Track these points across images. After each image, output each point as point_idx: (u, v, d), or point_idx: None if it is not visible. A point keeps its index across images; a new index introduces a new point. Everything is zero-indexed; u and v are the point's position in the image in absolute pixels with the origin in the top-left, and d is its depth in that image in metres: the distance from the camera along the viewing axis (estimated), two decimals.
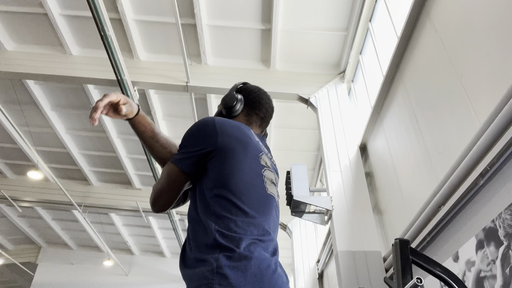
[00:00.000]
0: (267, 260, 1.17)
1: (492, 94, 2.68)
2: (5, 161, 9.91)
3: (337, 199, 5.00)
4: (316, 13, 5.74)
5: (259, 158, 1.40)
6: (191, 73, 6.23)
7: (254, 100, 1.60)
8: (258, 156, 1.40)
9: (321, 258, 7.92)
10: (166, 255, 13.85)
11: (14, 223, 12.40)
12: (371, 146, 5.55)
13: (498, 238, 2.52)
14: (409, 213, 4.02)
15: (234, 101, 1.55)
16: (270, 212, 1.34)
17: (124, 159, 9.15)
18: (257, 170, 1.36)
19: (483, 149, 2.61)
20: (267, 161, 1.45)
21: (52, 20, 6.04)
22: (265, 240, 1.24)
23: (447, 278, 1.69)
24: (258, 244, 1.20)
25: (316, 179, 8.89)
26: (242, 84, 1.66)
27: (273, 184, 1.43)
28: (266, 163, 1.43)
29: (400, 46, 4.33)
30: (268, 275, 1.13)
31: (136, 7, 5.90)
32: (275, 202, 1.40)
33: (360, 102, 6.24)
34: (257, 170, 1.37)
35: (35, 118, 8.10)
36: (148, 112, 7.49)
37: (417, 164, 4.00)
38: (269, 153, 1.54)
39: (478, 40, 2.95)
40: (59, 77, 6.50)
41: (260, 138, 1.55)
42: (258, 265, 1.13)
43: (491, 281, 2.59)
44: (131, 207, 10.07)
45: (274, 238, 1.32)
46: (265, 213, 1.31)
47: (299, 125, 7.57)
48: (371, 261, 4.45)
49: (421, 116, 3.95)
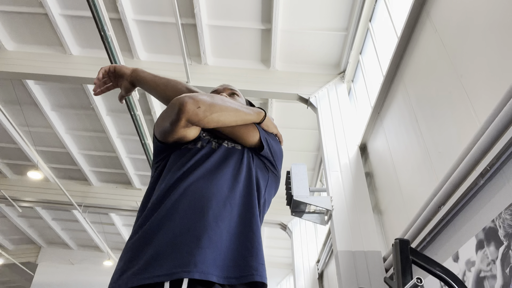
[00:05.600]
0: None
1: (492, 94, 2.68)
2: (5, 161, 9.91)
3: (337, 199, 5.00)
4: (316, 13, 5.74)
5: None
6: (191, 73, 6.23)
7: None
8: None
9: (321, 258, 7.92)
10: None
11: (14, 223, 12.40)
12: (371, 146, 5.54)
13: (498, 238, 2.52)
14: (409, 213, 4.02)
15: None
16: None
17: (124, 159, 9.15)
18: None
19: (483, 149, 2.61)
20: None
21: (52, 20, 6.04)
22: None
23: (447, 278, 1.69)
24: None
25: (316, 179, 8.89)
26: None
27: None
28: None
29: (400, 46, 4.33)
30: None
31: (136, 7, 5.90)
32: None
33: (360, 102, 6.24)
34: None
35: (35, 118, 8.11)
36: (148, 112, 7.49)
37: (417, 164, 4.00)
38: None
39: (478, 40, 2.95)
40: (59, 77, 6.50)
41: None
42: None
43: (491, 281, 2.59)
44: (131, 207, 10.06)
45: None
46: None
47: (299, 125, 7.57)
48: (371, 261, 4.45)
49: (421, 116, 3.95)
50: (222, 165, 1.18)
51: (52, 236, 13.50)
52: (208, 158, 1.19)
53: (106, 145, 8.80)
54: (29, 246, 14.27)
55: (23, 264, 13.47)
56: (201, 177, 1.13)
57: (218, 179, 1.13)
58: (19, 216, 12.13)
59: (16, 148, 9.06)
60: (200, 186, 1.10)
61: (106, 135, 8.35)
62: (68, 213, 11.34)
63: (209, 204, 1.06)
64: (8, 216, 11.95)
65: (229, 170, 1.18)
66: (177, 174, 1.14)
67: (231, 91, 1.50)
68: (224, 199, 1.09)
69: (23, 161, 9.57)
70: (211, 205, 1.05)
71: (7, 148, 9.19)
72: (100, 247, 13.32)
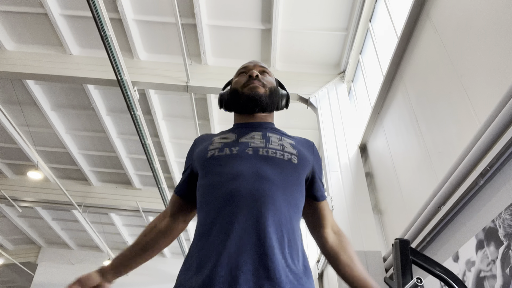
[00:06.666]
0: None
1: (492, 94, 2.68)
2: (5, 161, 9.90)
3: (337, 199, 4.99)
4: (316, 13, 5.74)
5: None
6: (191, 73, 6.22)
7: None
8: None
9: (321, 258, 7.92)
10: (166, 255, 13.85)
11: (14, 223, 12.40)
12: (371, 146, 5.54)
13: (498, 238, 2.52)
14: (409, 213, 4.02)
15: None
16: None
17: (124, 159, 9.15)
18: None
19: (483, 149, 2.61)
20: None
21: (52, 20, 6.04)
22: None
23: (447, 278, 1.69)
24: None
25: None
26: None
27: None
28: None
29: (400, 46, 4.33)
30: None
31: (136, 7, 5.90)
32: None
33: (360, 102, 6.24)
34: None
35: (35, 118, 8.10)
36: (148, 112, 7.49)
37: (417, 164, 4.00)
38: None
39: (478, 40, 2.95)
40: (59, 77, 6.49)
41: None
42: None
43: (491, 281, 2.59)
44: (131, 207, 10.06)
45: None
46: None
47: (299, 125, 7.57)
48: (371, 261, 4.45)
49: (421, 116, 3.95)
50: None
51: (52, 236, 13.50)
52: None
53: (106, 145, 8.80)
54: (29, 246, 14.26)
55: (23, 264, 13.47)
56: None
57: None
58: (19, 216, 12.13)
59: (16, 148, 9.06)
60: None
61: (106, 135, 8.35)
62: (68, 213, 11.34)
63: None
64: (8, 216, 11.95)
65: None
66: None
67: (261, 69, 1.46)
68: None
69: (23, 161, 9.56)
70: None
71: (7, 148, 9.19)
72: (100, 247, 13.31)
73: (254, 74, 1.39)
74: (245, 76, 1.42)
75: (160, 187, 7.98)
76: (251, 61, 1.50)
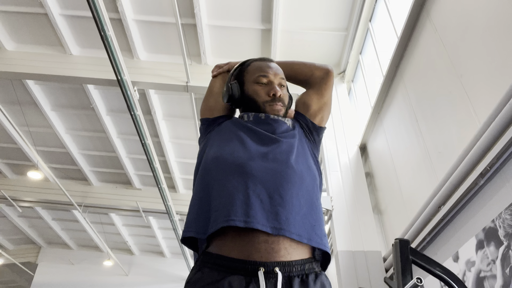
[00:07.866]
0: None
1: (492, 94, 2.68)
2: (5, 161, 9.90)
3: (337, 199, 5.00)
4: (316, 13, 5.74)
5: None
6: (191, 73, 6.22)
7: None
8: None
9: None
10: (166, 255, 13.84)
11: (14, 223, 12.40)
12: (371, 146, 5.54)
13: (498, 238, 2.52)
14: (409, 213, 4.02)
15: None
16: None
17: (124, 159, 9.14)
18: None
19: (483, 149, 2.61)
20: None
21: (52, 20, 6.04)
22: None
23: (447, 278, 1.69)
24: None
25: None
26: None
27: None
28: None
29: (400, 46, 4.33)
30: None
31: (136, 7, 5.90)
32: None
33: (360, 102, 6.24)
34: None
35: (35, 118, 8.10)
36: (148, 112, 7.49)
37: (417, 164, 4.00)
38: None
39: (478, 40, 2.95)
40: (59, 77, 6.49)
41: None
42: None
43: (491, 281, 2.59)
44: (131, 207, 10.05)
45: None
46: None
47: None
48: (371, 261, 4.45)
49: (421, 116, 3.95)
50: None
51: (52, 236, 13.50)
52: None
53: (106, 145, 8.80)
54: (29, 246, 14.27)
55: (23, 264, 13.46)
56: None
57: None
58: (19, 216, 12.13)
59: (16, 148, 9.05)
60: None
61: (106, 135, 8.34)
62: (68, 213, 11.33)
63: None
64: (8, 216, 11.95)
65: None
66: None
67: (280, 81, 1.45)
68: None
69: (23, 161, 9.56)
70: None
71: (7, 148, 9.19)
72: (100, 247, 13.31)
73: (278, 94, 1.38)
74: (265, 88, 1.39)
75: (160, 187, 7.97)
76: (269, 65, 1.46)
